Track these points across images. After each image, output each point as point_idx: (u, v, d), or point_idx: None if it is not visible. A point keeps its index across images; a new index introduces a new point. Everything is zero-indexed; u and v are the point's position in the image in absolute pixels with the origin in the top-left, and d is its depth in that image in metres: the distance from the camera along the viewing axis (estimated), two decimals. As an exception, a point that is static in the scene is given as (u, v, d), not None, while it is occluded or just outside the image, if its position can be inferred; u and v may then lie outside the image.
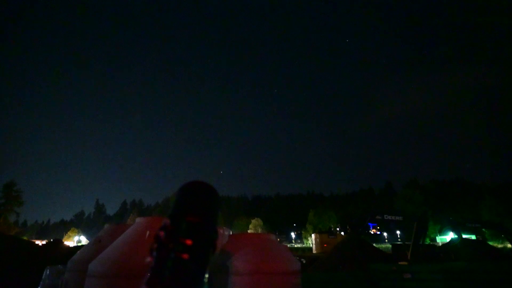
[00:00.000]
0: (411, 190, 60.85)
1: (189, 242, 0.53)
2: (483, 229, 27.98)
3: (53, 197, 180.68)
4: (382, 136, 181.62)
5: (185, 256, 0.51)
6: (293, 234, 74.04)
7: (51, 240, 17.96)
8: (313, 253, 32.26)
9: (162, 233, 0.54)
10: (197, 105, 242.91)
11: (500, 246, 32.05)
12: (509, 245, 24.82)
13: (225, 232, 4.40)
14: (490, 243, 27.59)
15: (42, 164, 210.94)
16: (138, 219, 3.54)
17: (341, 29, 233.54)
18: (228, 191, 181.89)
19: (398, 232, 61.85)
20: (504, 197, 52.48)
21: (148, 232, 3.13)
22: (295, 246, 61.51)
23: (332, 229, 48.16)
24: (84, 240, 60.59)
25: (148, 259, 0.53)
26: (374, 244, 24.24)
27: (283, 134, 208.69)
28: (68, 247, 15.41)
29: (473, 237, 26.78)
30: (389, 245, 26.53)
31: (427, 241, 34.24)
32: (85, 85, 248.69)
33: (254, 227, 64.05)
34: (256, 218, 66.80)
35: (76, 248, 14.77)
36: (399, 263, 16.48)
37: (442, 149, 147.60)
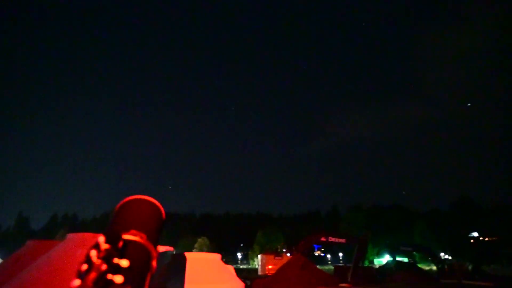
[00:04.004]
0: (354, 213, 64.36)
1: (124, 263, 0.47)
2: (414, 253, 30.30)
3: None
4: (331, 160, 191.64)
5: (119, 279, 0.45)
6: (239, 255, 72.95)
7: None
8: (258, 275, 31.94)
9: (93, 252, 0.47)
10: (145, 112, 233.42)
11: (427, 268, 34.85)
12: (434, 268, 27.12)
13: (168, 252, 4.14)
14: (420, 265, 29.95)
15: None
16: (69, 235, 3.17)
17: (299, 53, 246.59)
18: (175, 207, 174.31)
19: (340, 254, 64.39)
20: (433, 222, 57.99)
21: (79, 251, 2.81)
22: (241, 267, 60.46)
23: (279, 250, 48.42)
24: None
25: (76, 282, 0.45)
26: (318, 266, 24.82)
27: (234, 153, 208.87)
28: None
29: (406, 259, 28.81)
30: (332, 267, 27.34)
31: (366, 263, 36.06)
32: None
33: (199, 246, 61.96)
34: (202, 237, 64.80)
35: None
36: (341, 285, 16.95)
37: (384, 176, 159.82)
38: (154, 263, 0.54)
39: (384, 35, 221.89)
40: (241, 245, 75.17)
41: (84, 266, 0.45)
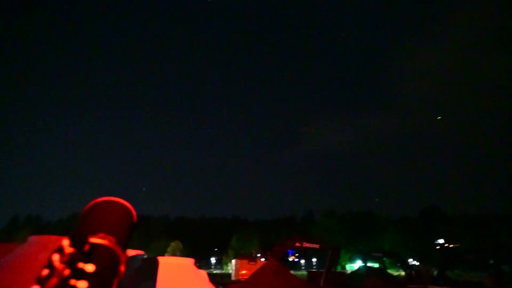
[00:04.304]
0: (328, 219, 65.56)
1: (90, 268, 0.44)
2: (384, 258, 31.23)
3: None
4: (307, 166, 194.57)
5: (83, 285, 0.42)
6: (213, 259, 72.03)
7: None
8: (232, 280, 31.67)
9: (56, 256, 0.43)
10: (118, 111, 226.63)
11: (396, 273, 35.99)
12: (403, 273, 28.05)
13: (138, 256, 3.99)
14: (389, 271, 30.88)
15: None
16: (30, 238, 2.96)
17: (274, 60, 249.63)
18: (149, 210, 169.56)
19: (314, 259, 65.19)
20: (402, 229, 60.16)
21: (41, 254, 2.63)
22: (215, 271, 59.67)
23: (253, 255, 48.26)
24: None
25: None
26: (291, 271, 24.95)
27: (211, 156, 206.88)
28: None
29: (376, 265, 29.60)
30: (305, 272, 27.62)
31: (339, 268, 36.74)
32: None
33: (172, 250, 60.59)
34: (175, 241, 63.44)
35: None
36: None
37: (358, 183, 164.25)
38: (122, 268, 0.52)
39: (362, 47, 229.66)
40: (215, 249, 74.28)
41: (45, 271, 0.42)
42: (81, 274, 0.43)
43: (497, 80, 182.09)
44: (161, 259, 4.05)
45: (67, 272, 0.42)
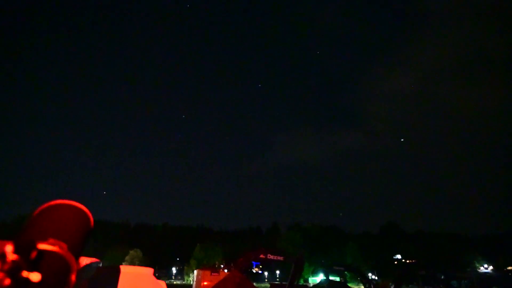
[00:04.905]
0: (293, 232, 66.14)
1: (35, 277, 0.39)
2: (346, 272, 31.92)
3: None
4: (275, 178, 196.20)
5: None
6: (174, 269, 69.57)
7: None
8: (193, 291, 30.70)
9: None
10: (78, 110, 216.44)
11: (356, 287, 36.91)
12: (362, 287, 28.80)
13: (93, 264, 3.73)
14: (350, 284, 31.57)
15: None
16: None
17: (256, 75, 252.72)
18: (109, 215, 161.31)
19: (278, 271, 65.12)
20: (363, 244, 62.13)
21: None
22: (175, 282, 57.63)
23: (216, 266, 47.28)
24: None
25: None
26: (255, 283, 24.69)
27: (177, 163, 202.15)
28: None
29: (338, 279, 30.16)
30: (268, 285, 27.47)
31: (301, 282, 36.96)
32: None
33: (131, 259, 57.70)
34: (135, 249, 60.56)
35: None
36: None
37: (323, 198, 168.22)
38: (73, 277, 0.47)
39: (334, 66, 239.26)
40: (177, 259, 71.89)
41: None
42: (25, 284, 0.38)
43: (457, 106, 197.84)
44: (116, 268, 3.81)
45: (7, 282, 0.37)
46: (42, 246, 0.43)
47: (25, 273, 0.39)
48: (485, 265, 60.21)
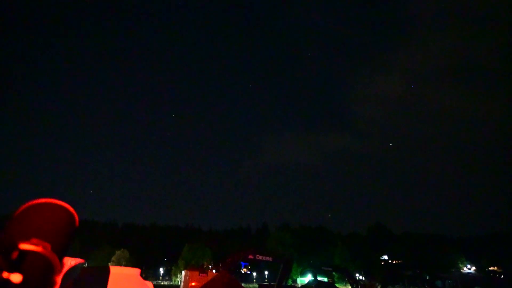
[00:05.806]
0: (283, 232, 66.23)
1: (16, 278, 0.38)
2: (334, 273, 32.18)
3: None
4: (265, 179, 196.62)
5: None
6: (162, 270, 68.80)
7: None
8: (180, 292, 30.42)
9: None
10: (65, 108, 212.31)
11: (343, 288, 37.24)
12: (350, 287, 29.08)
13: (78, 265, 3.64)
14: (337, 285, 31.84)
15: None
16: None
17: (247, 76, 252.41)
18: (96, 215, 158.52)
19: (266, 272, 65.12)
20: (351, 245, 62.74)
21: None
22: (162, 283, 57.02)
23: (205, 267, 46.91)
24: None
25: None
26: (243, 284, 24.64)
27: (167, 162, 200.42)
28: None
29: (325, 279, 30.38)
30: (257, 285, 27.46)
31: (290, 282, 37.04)
32: None
33: (117, 259, 56.73)
34: (122, 249, 59.57)
35: None
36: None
37: (312, 199, 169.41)
38: (57, 278, 0.45)
39: (324, 68, 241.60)
40: (165, 259, 71.08)
41: None
42: (5, 285, 0.37)
43: (444, 110, 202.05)
44: (101, 268, 3.73)
45: None
46: (24, 246, 0.42)
47: (5, 274, 0.37)
48: (468, 266, 61.67)
